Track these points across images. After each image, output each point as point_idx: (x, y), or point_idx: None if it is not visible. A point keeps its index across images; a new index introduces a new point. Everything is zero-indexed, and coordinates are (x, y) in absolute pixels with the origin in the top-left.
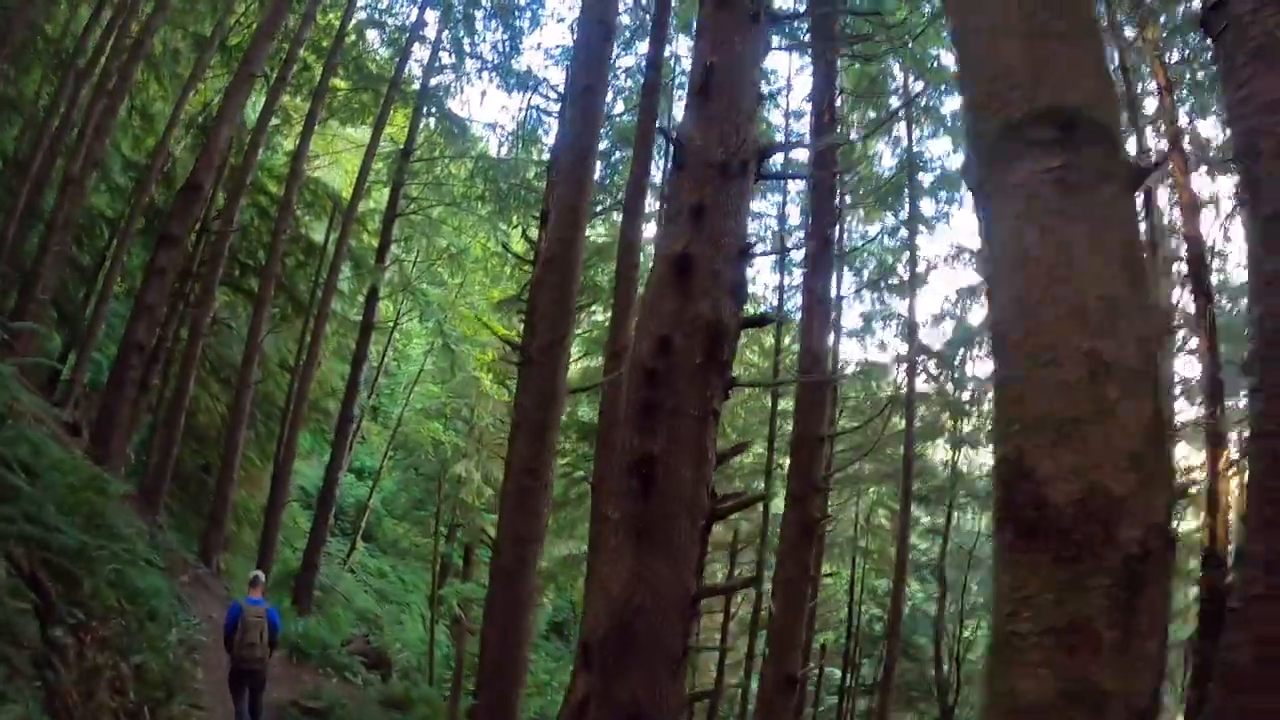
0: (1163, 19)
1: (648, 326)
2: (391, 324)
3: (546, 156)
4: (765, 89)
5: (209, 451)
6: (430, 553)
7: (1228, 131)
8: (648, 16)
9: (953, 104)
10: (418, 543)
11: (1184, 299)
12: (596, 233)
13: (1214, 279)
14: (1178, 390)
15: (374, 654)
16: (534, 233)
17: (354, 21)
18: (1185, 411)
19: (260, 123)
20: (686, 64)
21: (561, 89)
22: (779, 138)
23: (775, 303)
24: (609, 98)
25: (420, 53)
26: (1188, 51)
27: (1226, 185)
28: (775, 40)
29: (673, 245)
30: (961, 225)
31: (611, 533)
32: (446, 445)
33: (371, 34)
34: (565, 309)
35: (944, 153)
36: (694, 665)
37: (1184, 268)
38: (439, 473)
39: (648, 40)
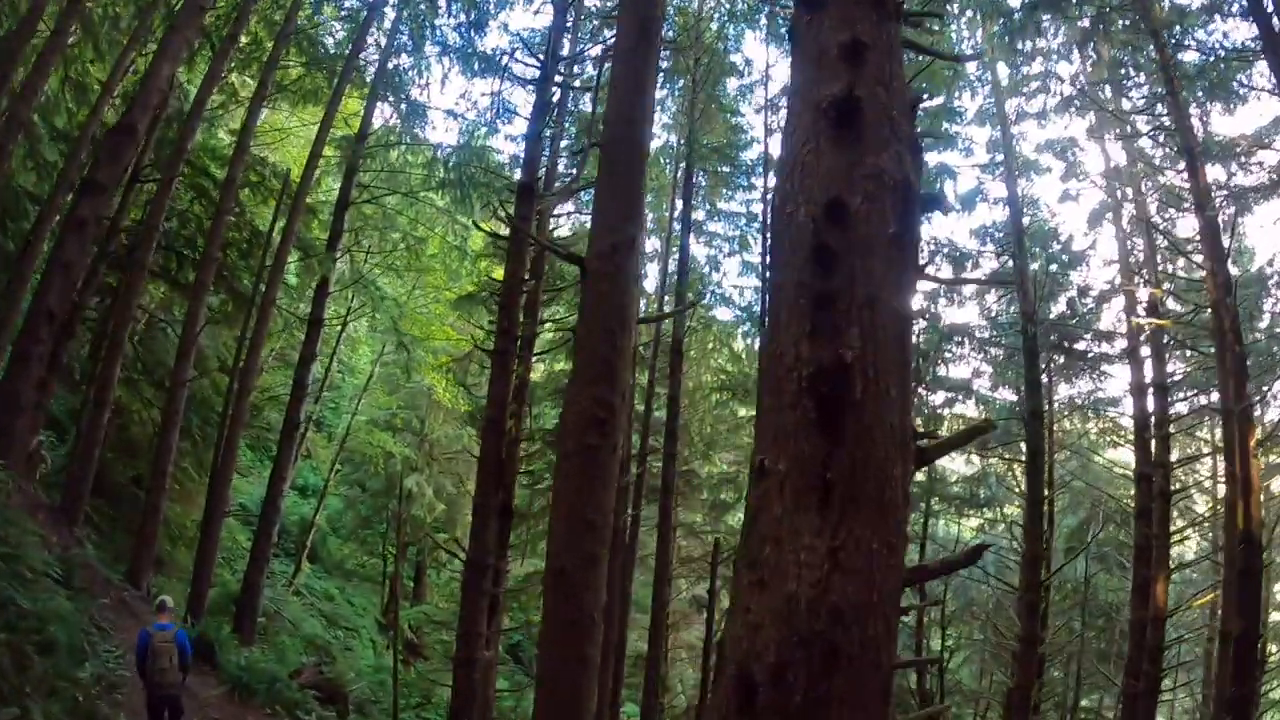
0: None
1: (801, 189)
2: (341, 321)
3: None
4: None
5: (141, 464)
6: (378, 573)
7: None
8: None
9: None
10: (365, 563)
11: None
12: None
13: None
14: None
15: (328, 686)
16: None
17: None
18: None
19: (202, 92)
20: None
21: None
22: None
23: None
24: None
25: (379, 35)
26: None
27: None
28: None
29: (825, 88)
30: None
31: (775, 494)
32: (398, 457)
33: (328, 9)
34: (633, 205)
35: None
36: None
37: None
38: (388, 487)
39: None
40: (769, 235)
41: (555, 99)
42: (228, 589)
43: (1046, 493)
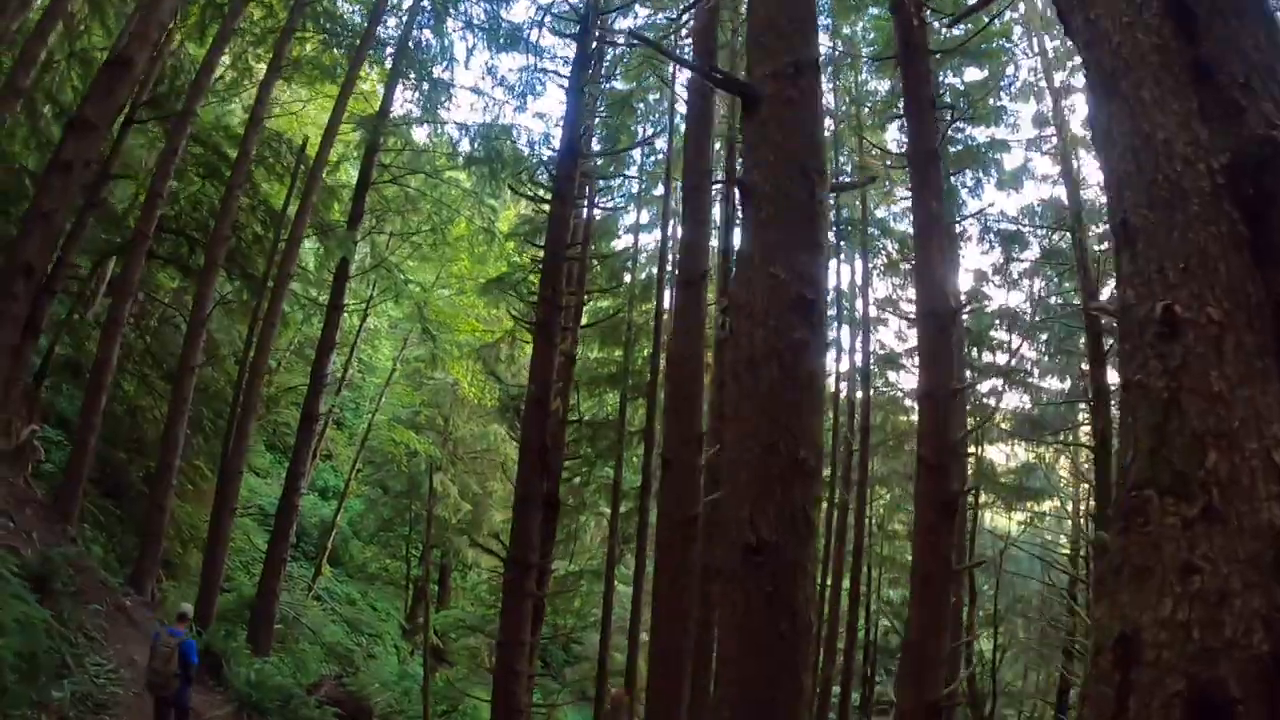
0: None
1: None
2: (363, 307)
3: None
4: None
5: (152, 462)
6: (401, 577)
7: None
8: None
9: None
10: (387, 566)
11: None
12: None
13: None
14: None
15: (350, 701)
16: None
17: None
18: None
19: (212, 54)
20: None
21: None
22: None
23: None
24: None
25: (400, 12)
26: None
27: None
28: None
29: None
30: None
31: (1210, 358)
32: (422, 455)
33: None
34: (808, 20)
35: None
36: None
37: None
38: (410, 488)
39: None
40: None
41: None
42: (242, 594)
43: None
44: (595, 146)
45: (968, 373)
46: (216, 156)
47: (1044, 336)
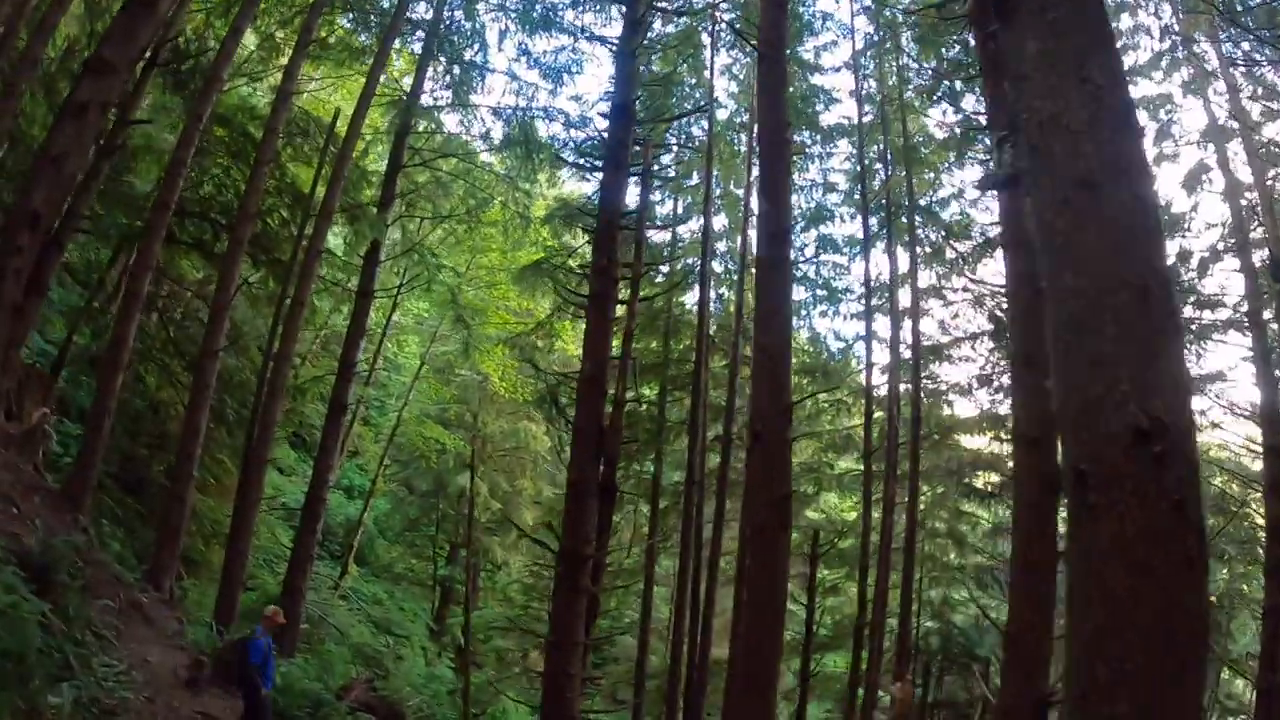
0: None
1: None
2: (394, 294)
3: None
4: None
5: (173, 455)
6: (428, 577)
7: None
8: None
9: None
10: (413, 566)
11: None
12: None
13: None
14: None
15: (382, 705)
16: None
17: None
18: None
19: (239, 20)
20: None
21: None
22: None
23: None
24: None
25: None
26: None
27: None
28: None
29: None
30: None
31: None
32: (450, 450)
33: None
34: None
35: None
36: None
37: None
38: (438, 487)
39: None
40: None
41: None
42: (267, 592)
43: None
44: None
45: None
46: (243, 138)
47: None
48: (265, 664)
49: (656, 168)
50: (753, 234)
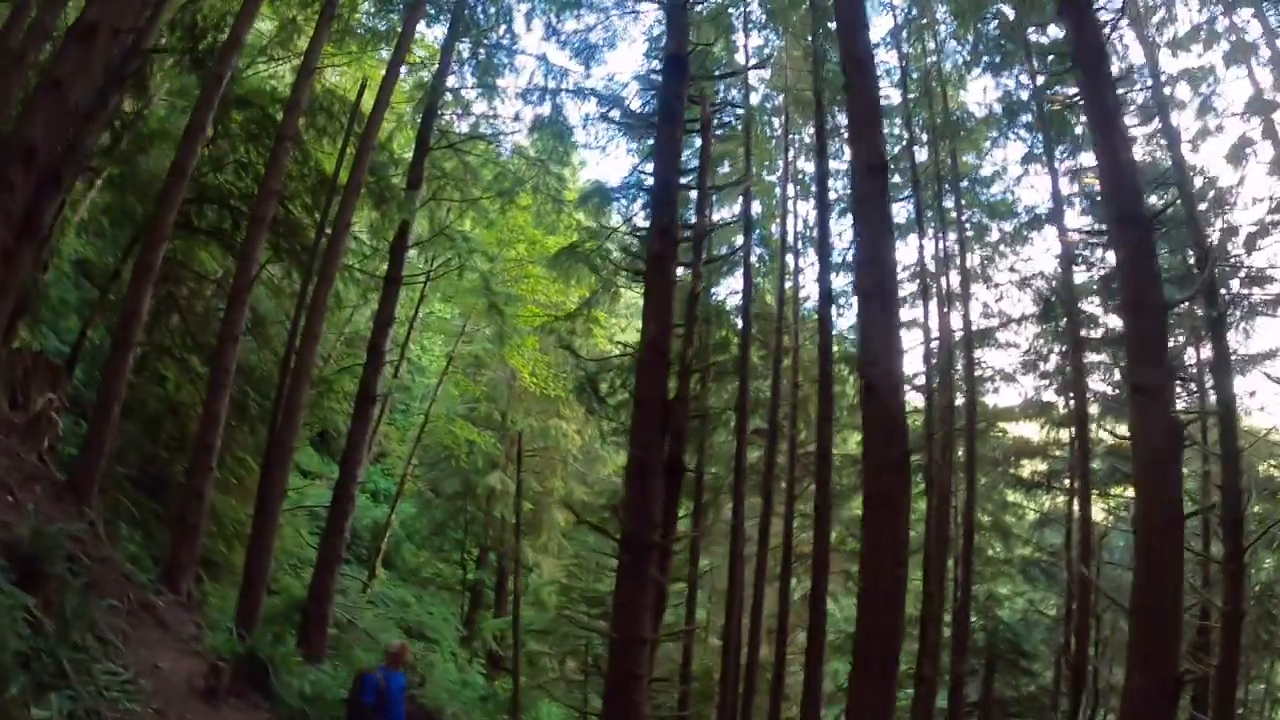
0: None
1: None
2: (423, 280)
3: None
4: None
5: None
6: (456, 581)
7: None
8: None
9: None
10: (440, 570)
11: None
12: None
13: None
14: None
15: (421, 715)
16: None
17: None
18: None
19: None
20: None
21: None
22: None
23: None
24: None
25: None
26: None
27: None
28: None
29: None
30: None
31: None
32: (481, 446)
33: None
34: None
35: None
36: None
37: None
38: (466, 489)
39: None
40: None
41: None
42: (292, 595)
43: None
44: None
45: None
46: (263, 116)
47: None
48: (384, 705)
49: (716, 123)
50: (789, 222)
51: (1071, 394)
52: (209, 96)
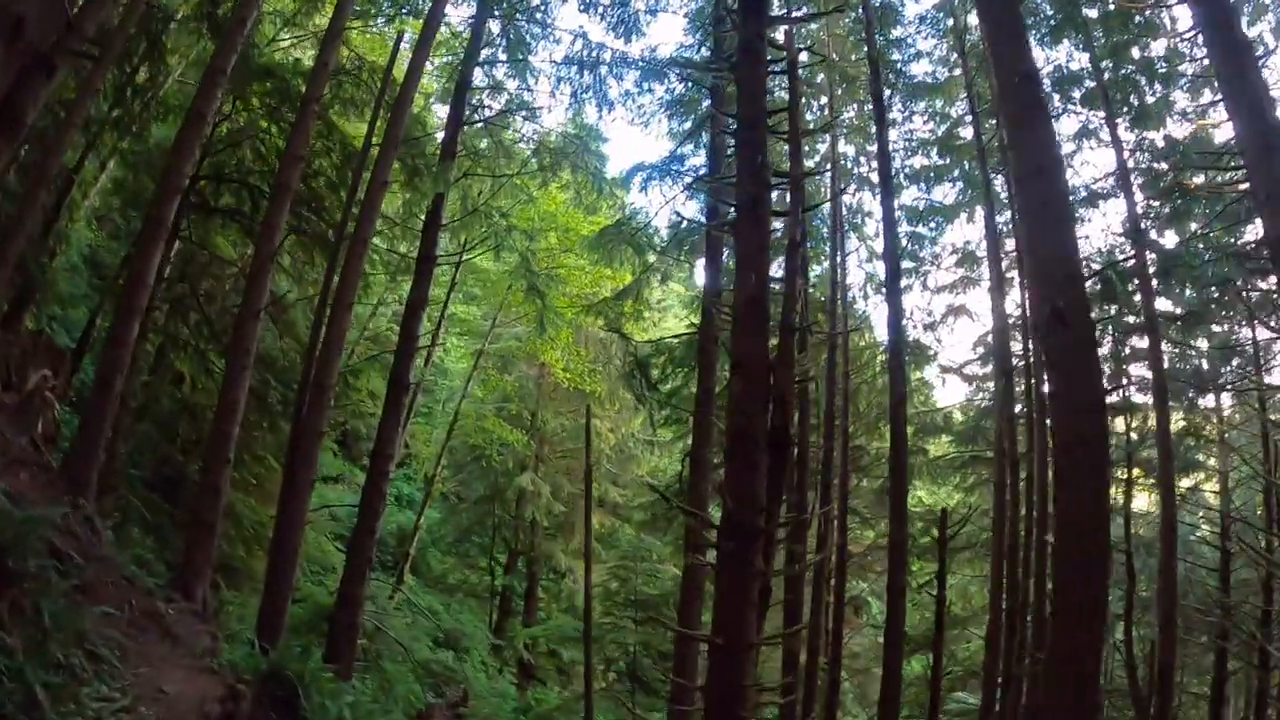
0: None
1: None
2: (456, 260)
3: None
4: None
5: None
6: (484, 588)
7: None
8: None
9: None
10: (467, 577)
11: None
12: None
13: None
14: None
15: None
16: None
17: None
18: None
19: None
20: None
21: None
22: None
23: None
24: None
25: None
26: None
27: None
28: None
29: None
30: None
31: None
32: (514, 446)
33: None
34: None
35: None
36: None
37: None
38: (494, 492)
39: None
40: None
41: None
42: (318, 603)
43: None
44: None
45: None
46: (284, 87)
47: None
48: None
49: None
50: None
51: None
52: (232, 37)
